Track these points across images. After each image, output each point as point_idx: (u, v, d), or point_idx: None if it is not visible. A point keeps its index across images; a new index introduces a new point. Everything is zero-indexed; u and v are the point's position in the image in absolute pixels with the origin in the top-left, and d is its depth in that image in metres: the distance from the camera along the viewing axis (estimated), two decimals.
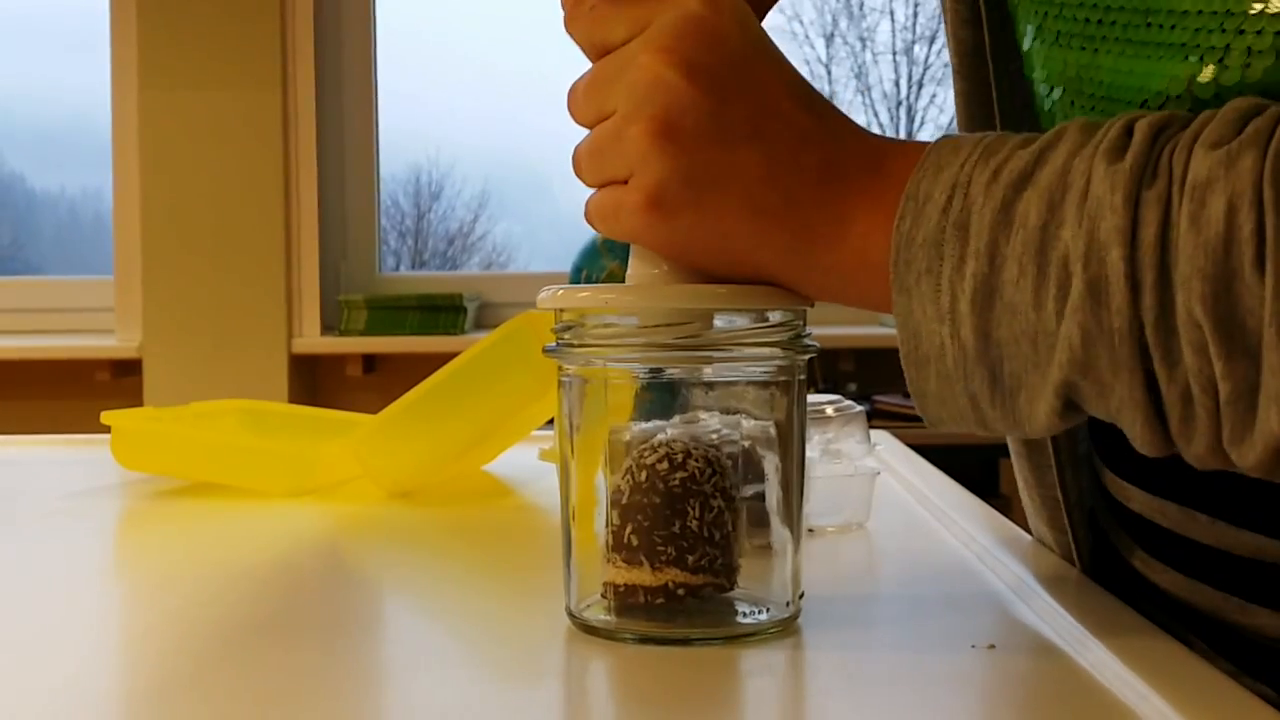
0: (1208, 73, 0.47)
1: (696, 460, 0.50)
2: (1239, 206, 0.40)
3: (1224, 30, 0.47)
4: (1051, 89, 0.55)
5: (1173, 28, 0.48)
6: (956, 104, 0.63)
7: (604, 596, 0.52)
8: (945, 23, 0.63)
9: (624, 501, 0.50)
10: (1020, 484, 0.67)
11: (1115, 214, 0.42)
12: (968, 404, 0.47)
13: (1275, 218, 0.40)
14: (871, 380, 2.70)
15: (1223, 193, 0.41)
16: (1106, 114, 0.51)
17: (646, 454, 0.50)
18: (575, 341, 0.51)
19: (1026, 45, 0.57)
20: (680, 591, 0.50)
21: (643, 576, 0.50)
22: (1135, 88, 0.50)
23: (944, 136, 0.49)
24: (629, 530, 0.50)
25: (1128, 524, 0.60)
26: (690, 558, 0.50)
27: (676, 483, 0.50)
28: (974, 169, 0.46)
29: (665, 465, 0.50)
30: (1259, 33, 0.46)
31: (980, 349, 0.45)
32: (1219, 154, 0.41)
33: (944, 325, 0.46)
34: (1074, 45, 0.53)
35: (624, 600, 0.51)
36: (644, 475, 0.50)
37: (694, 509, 0.50)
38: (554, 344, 0.52)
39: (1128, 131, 0.44)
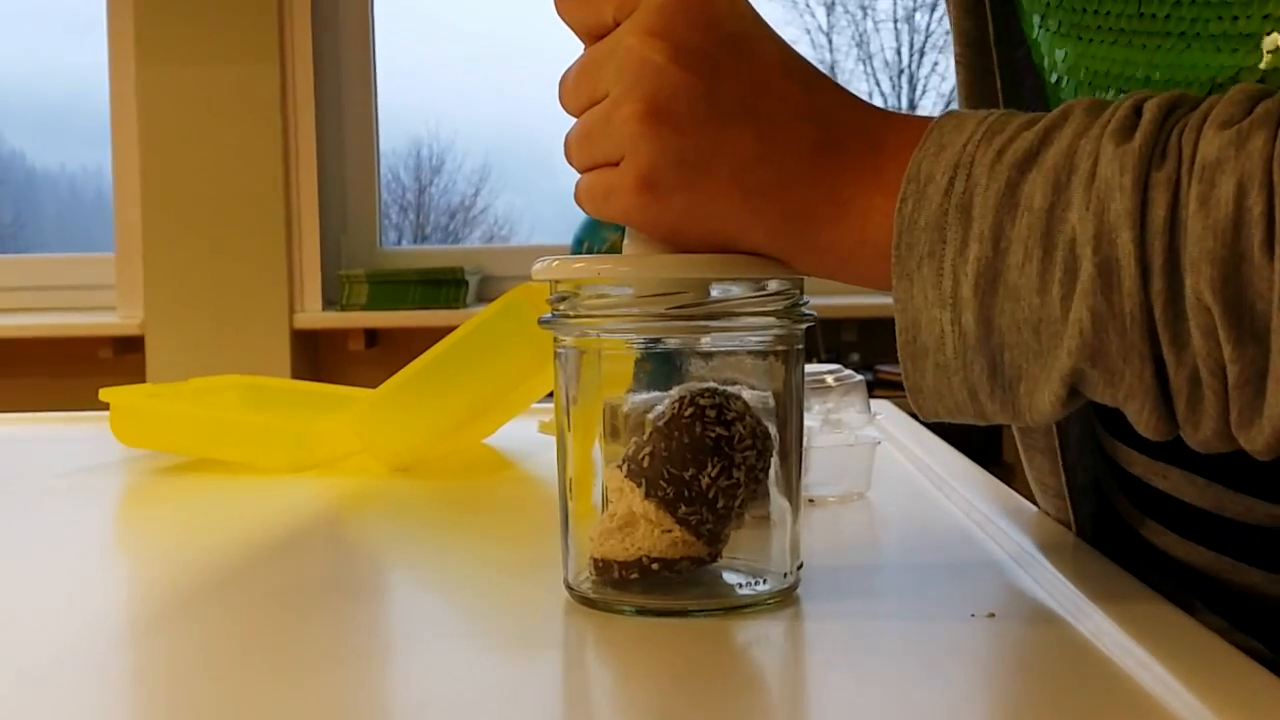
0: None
1: (744, 427, 0.50)
2: (1249, 188, 0.40)
3: (1220, 18, 0.46)
4: (1058, 78, 0.55)
5: (1166, 16, 0.48)
6: (959, 94, 0.62)
7: (590, 572, 0.51)
8: (949, 12, 0.62)
9: (660, 424, 0.50)
10: (1023, 454, 0.67)
11: (1124, 196, 0.41)
12: (966, 397, 0.46)
13: None
14: (874, 350, 2.69)
15: (1232, 174, 0.40)
16: None
17: (704, 395, 0.50)
18: (570, 313, 0.51)
19: (1034, 34, 0.56)
20: (655, 566, 0.50)
21: (613, 549, 0.50)
22: (1133, 77, 0.50)
23: (947, 113, 0.48)
24: (647, 450, 0.49)
25: (1130, 489, 0.60)
26: (683, 507, 0.49)
27: (713, 435, 0.49)
28: (977, 149, 0.45)
29: (714, 414, 0.49)
30: (1248, 17, 0.45)
31: (981, 336, 0.45)
32: (1229, 134, 0.41)
33: (945, 311, 0.45)
34: (1071, 34, 0.52)
35: (602, 575, 0.51)
36: (689, 412, 0.49)
37: (713, 467, 0.49)
38: (549, 315, 0.52)
39: (1136, 111, 0.43)
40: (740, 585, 0.51)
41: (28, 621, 0.52)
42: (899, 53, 3.61)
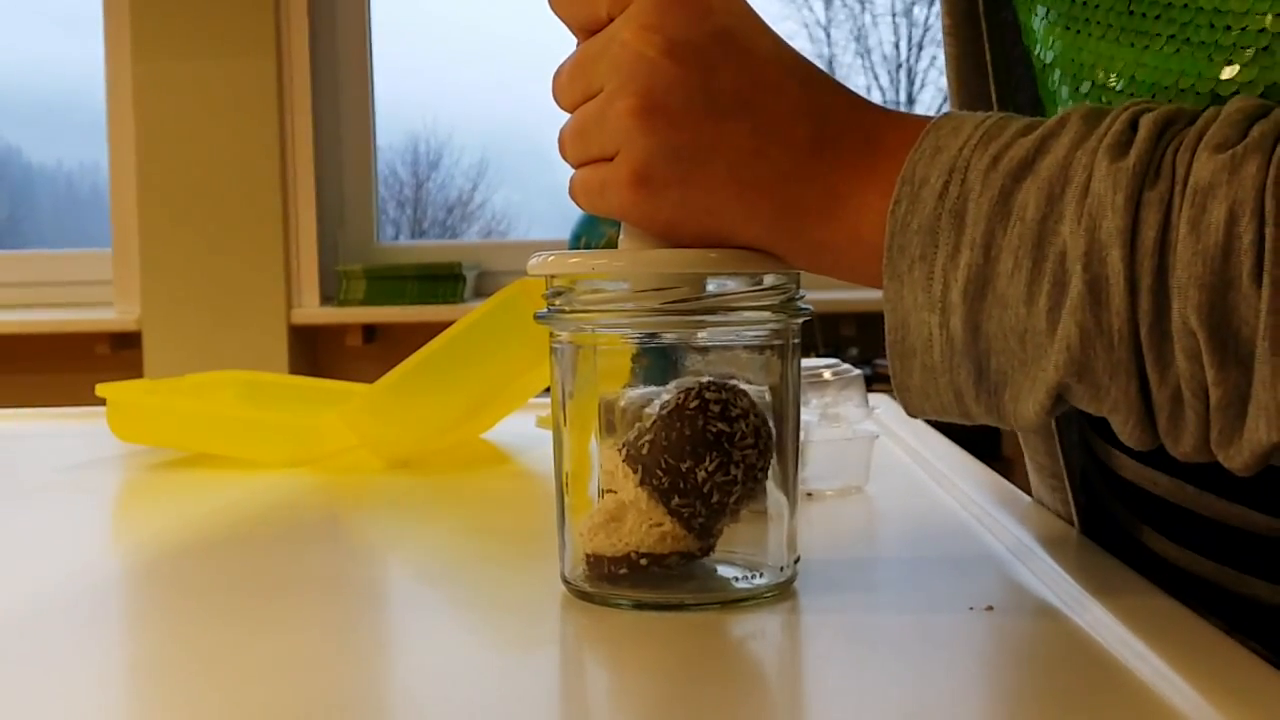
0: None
1: (748, 425, 0.49)
2: (1240, 215, 0.40)
3: (1212, 26, 0.46)
4: (1044, 65, 0.55)
5: (1156, 18, 0.48)
6: (947, 69, 0.62)
7: (585, 567, 0.51)
8: None
9: (664, 412, 0.49)
10: (1020, 434, 0.67)
11: (1116, 214, 0.41)
12: (952, 398, 0.46)
13: (1276, 229, 0.39)
14: (873, 345, 2.69)
15: (1224, 200, 0.40)
16: (1095, 97, 0.51)
17: (712, 389, 0.49)
18: (566, 308, 0.51)
19: (1025, 18, 0.56)
20: (643, 561, 0.50)
21: (601, 543, 0.50)
22: (1118, 74, 0.50)
23: (944, 115, 0.47)
24: (647, 438, 0.49)
25: (1121, 493, 0.60)
26: (676, 499, 0.49)
27: (714, 430, 0.49)
28: (973, 154, 0.45)
29: (718, 409, 0.49)
30: (1242, 29, 0.45)
31: (968, 341, 0.45)
32: (1223, 158, 0.40)
33: (934, 314, 0.45)
34: (1060, 24, 0.52)
35: (593, 570, 0.51)
36: (695, 404, 0.49)
37: (711, 462, 0.49)
38: (545, 311, 0.52)
39: (1133, 125, 0.43)
40: (737, 579, 0.51)
41: (25, 617, 0.52)
42: (897, 47, 3.61)
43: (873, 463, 0.76)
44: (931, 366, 0.46)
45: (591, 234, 2.52)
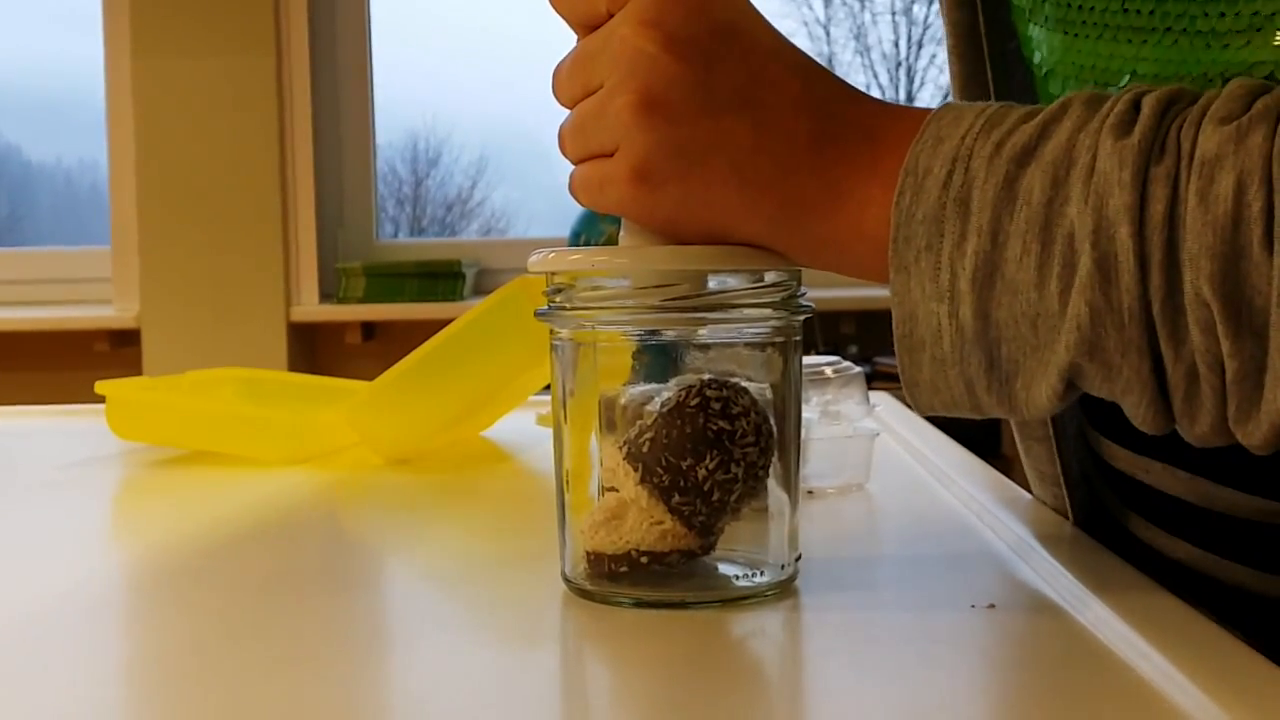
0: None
1: (749, 423, 0.49)
2: (1248, 184, 0.40)
3: (1206, 15, 0.46)
4: (1046, 72, 0.55)
5: (1151, 12, 0.48)
6: (953, 86, 0.62)
7: (585, 565, 0.51)
8: (940, 5, 0.62)
9: (665, 410, 0.49)
10: (1020, 444, 0.67)
11: (1124, 191, 0.41)
12: (963, 390, 0.46)
13: None
14: (872, 342, 2.69)
15: (1232, 169, 0.40)
16: None
17: (711, 386, 0.49)
18: (566, 305, 0.51)
19: (1025, 29, 0.56)
20: (644, 559, 0.49)
21: (602, 541, 0.50)
22: (1118, 71, 0.50)
23: (944, 105, 0.47)
24: (648, 436, 0.49)
25: (1113, 481, 0.60)
26: (676, 497, 0.49)
27: (715, 428, 0.49)
28: (975, 142, 0.45)
29: (718, 406, 0.49)
30: (1236, 14, 0.45)
31: (979, 330, 0.45)
32: (1228, 130, 0.41)
33: (942, 304, 0.45)
34: (1057, 29, 0.52)
35: (594, 568, 0.51)
36: (696, 401, 0.49)
37: (711, 460, 0.49)
38: (546, 308, 0.52)
39: (1135, 106, 0.43)
40: (738, 577, 0.51)
41: (24, 614, 0.52)
42: (897, 45, 3.61)
43: (874, 460, 0.76)
44: (942, 358, 0.46)
45: (591, 232, 2.52)
